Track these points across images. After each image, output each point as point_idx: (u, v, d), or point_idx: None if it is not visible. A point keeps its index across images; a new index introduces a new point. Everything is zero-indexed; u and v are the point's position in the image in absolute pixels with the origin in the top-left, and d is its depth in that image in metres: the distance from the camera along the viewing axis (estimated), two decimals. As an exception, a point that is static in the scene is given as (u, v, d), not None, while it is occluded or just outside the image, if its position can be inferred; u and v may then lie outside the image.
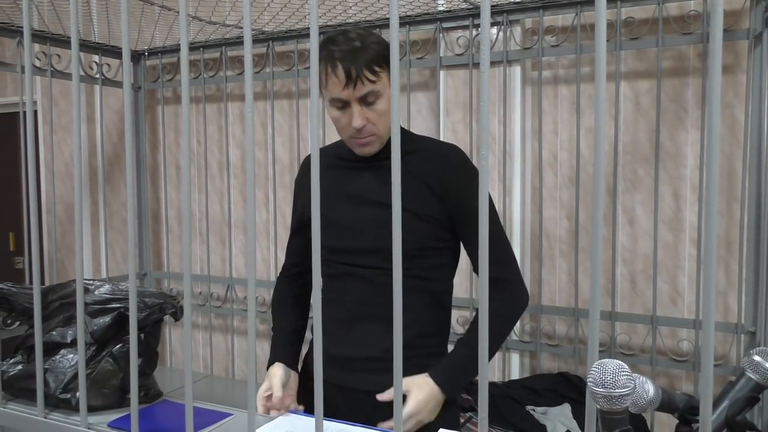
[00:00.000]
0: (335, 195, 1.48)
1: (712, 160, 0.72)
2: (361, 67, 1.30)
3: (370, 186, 1.44)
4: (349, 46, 1.32)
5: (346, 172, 1.48)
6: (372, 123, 1.36)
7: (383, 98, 1.36)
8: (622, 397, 0.69)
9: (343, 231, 1.44)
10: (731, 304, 2.28)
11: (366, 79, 1.31)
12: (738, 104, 2.23)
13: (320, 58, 1.35)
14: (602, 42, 0.75)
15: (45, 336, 1.46)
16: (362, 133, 1.36)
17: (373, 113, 1.35)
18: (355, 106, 1.34)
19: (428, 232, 1.41)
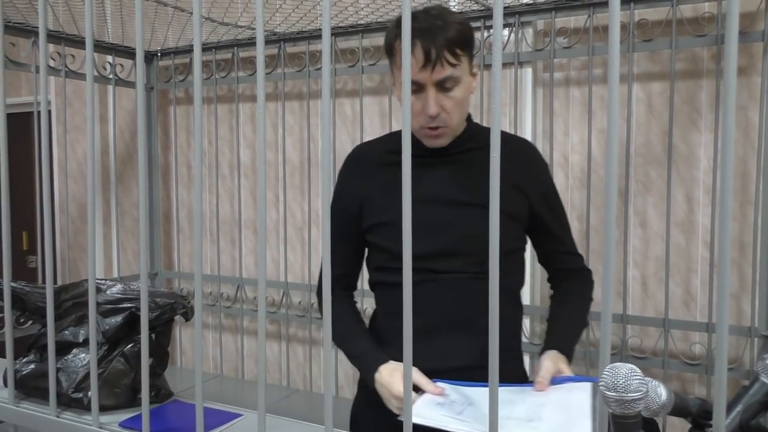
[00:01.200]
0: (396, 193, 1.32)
1: (727, 162, 0.72)
2: (442, 48, 1.19)
3: (445, 183, 1.32)
4: (429, 24, 1.20)
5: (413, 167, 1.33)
6: (446, 112, 1.24)
7: (462, 85, 1.24)
8: (635, 402, 0.68)
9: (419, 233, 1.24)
10: (744, 307, 2.26)
11: (446, 62, 1.19)
12: (752, 106, 2.22)
13: (396, 35, 1.24)
14: (615, 43, 0.75)
15: (57, 335, 1.47)
16: (435, 122, 1.25)
17: (450, 101, 1.24)
18: (430, 91, 1.22)
19: (516, 233, 1.35)
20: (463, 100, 1.27)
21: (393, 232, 1.31)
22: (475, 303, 1.29)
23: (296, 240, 3.12)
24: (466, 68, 1.25)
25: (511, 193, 1.30)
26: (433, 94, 1.22)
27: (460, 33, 1.21)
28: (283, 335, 3.20)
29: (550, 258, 1.46)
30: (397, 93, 1.31)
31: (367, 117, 2.90)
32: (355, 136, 2.92)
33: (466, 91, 1.27)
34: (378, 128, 2.88)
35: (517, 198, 1.33)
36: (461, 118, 1.30)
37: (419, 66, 1.19)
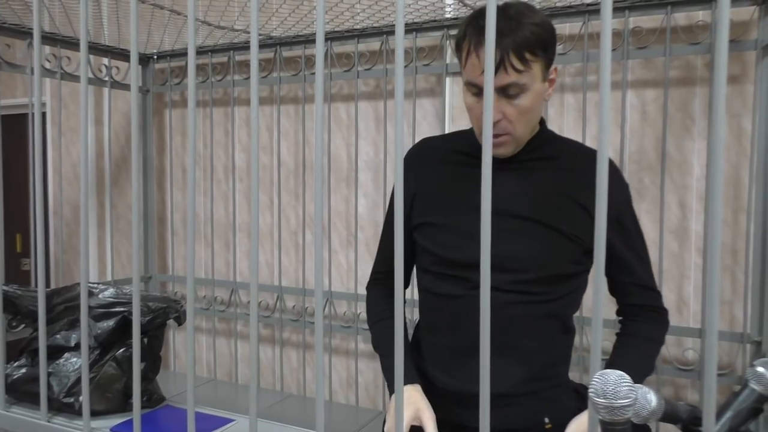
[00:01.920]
0: (455, 198, 1.24)
1: (716, 170, 0.72)
2: (509, 51, 1.08)
3: (505, 192, 1.19)
4: (502, 23, 1.07)
5: (469, 169, 1.22)
6: (508, 120, 1.14)
7: (529, 93, 1.13)
8: (624, 408, 0.68)
9: (467, 242, 1.17)
10: (737, 313, 2.26)
11: (511, 67, 1.09)
12: (745, 114, 2.23)
13: (465, 33, 1.15)
14: (607, 50, 0.75)
15: (49, 339, 1.47)
16: (495, 129, 1.12)
17: (513, 109, 1.13)
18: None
19: (575, 257, 1.21)
20: (531, 109, 1.16)
21: (439, 234, 1.25)
22: (519, 325, 1.21)
23: (290, 244, 3.12)
24: (538, 74, 1.13)
25: (574, 211, 1.20)
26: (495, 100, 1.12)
27: (535, 36, 1.10)
28: (276, 339, 3.19)
29: (620, 290, 1.32)
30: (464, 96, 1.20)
31: (362, 121, 2.90)
32: (350, 140, 2.93)
33: (535, 98, 1.15)
34: (373, 133, 2.89)
35: (581, 218, 1.20)
36: (528, 127, 1.19)
37: (481, 69, 1.10)
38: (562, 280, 1.22)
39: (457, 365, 1.21)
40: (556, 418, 1.25)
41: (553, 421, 1.26)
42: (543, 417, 1.26)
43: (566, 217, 1.19)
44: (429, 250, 1.28)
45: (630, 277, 1.30)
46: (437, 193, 1.28)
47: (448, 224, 1.23)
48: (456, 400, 1.23)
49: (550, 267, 1.19)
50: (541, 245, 1.19)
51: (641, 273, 1.31)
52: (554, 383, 1.29)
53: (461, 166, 1.26)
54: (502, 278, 1.16)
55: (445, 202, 1.25)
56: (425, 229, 1.29)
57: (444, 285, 1.25)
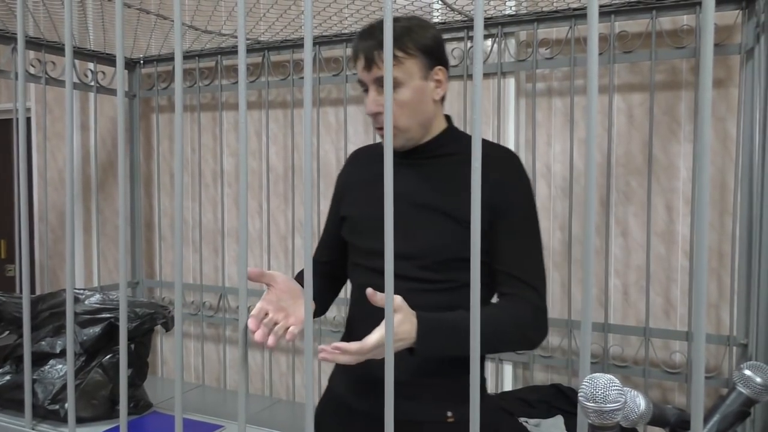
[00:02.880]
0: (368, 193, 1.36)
1: (703, 174, 0.73)
2: (377, 49, 1.24)
3: (409, 185, 1.31)
4: (377, 27, 1.27)
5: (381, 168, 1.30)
6: None
7: (405, 88, 1.26)
8: (613, 412, 0.68)
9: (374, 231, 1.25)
10: (723, 316, 2.28)
11: (382, 62, 1.23)
12: (730, 118, 2.25)
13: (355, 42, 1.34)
14: (594, 56, 0.76)
15: (34, 346, 1.45)
16: (378, 122, 1.29)
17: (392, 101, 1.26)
18: (371, 91, 1.28)
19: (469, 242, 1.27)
20: (410, 103, 1.27)
21: (354, 226, 1.39)
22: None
23: (279, 248, 3.10)
24: (414, 71, 1.26)
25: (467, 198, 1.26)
26: (373, 94, 1.27)
27: (404, 36, 1.24)
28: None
29: (496, 278, 1.31)
30: None
31: (351, 125, 2.90)
32: (339, 144, 2.92)
33: (415, 94, 1.27)
34: (362, 137, 2.88)
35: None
36: (412, 120, 1.29)
37: (362, 67, 1.28)
38: (457, 266, 1.25)
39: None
40: (459, 412, 1.28)
41: (456, 415, 1.28)
42: (445, 410, 1.29)
43: (463, 206, 1.21)
44: (347, 242, 1.42)
45: (506, 267, 1.28)
46: (355, 190, 1.42)
47: (359, 216, 1.37)
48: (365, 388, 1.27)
49: (445, 251, 1.26)
50: (436, 231, 1.27)
51: (520, 265, 1.29)
52: (456, 376, 1.25)
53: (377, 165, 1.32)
54: (404, 265, 1.23)
55: (360, 196, 1.39)
56: (344, 223, 1.43)
57: (357, 275, 1.38)
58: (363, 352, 1.08)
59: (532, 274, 1.29)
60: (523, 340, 1.30)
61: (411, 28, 1.27)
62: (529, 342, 1.30)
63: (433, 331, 1.16)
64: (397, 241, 1.24)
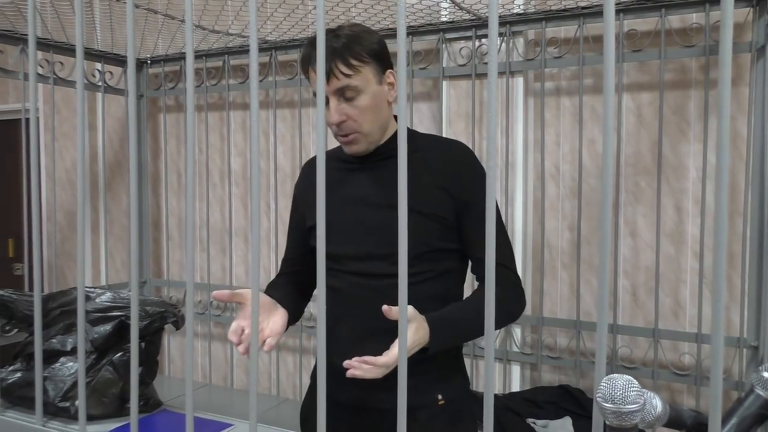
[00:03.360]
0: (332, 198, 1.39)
1: (722, 179, 0.72)
2: (335, 60, 1.27)
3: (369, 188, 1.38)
4: (330, 42, 1.28)
5: (343, 174, 1.42)
6: (353, 119, 1.31)
7: (365, 94, 1.30)
8: (632, 413, 0.68)
9: (343, 236, 1.36)
10: (734, 318, 2.27)
11: (340, 73, 1.27)
12: (740, 117, 2.24)
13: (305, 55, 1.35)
14: (610, 54, 0.75)
15: (45, 344, 1.45)
16: (342, 130, 1.32)
17: (354, 109, 1.30)
18: (332, 101, 1.30)
19: (438, 234, 1.34)
20: (371, 108, 1.32)
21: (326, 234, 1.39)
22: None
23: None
24: (371, 77, 1.30)
25: (434, 193, 1.33)
26: (334, 104, 1.30)
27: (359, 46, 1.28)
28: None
29: (475, 266, 1.42)
30: None
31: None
32: (346, 144, 2.92)
33: (374, 99, 1.32)
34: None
35: (441, 198, 1.34)
36: (374, 124, 1.34)
37: None
38: (431, 258, 1.33)
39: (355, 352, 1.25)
40: (448, 395, 1.37)
41: (445, 397, 1.37)
42: (436, 394, 1.37)
43: (425, 200, 1.31)
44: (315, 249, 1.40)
45: (475, 252, 1.38)
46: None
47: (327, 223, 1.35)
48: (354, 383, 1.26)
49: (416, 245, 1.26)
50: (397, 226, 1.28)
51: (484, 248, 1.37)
52: (445, 363, 1.39)
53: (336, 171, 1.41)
54: (381, 264, 1.32)
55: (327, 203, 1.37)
56: (312, 232, 1.45)
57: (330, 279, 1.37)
58: (390, 363, 1.17)
59: (504, 256, 1.37)
60: (508, 318, 1.40)
61: (358, 35, 1.30)
62: (512, 317, 1.41)
63: (442, 330, 1.27)
64: (368, 243, 1.35)
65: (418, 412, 1.31)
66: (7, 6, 2.35)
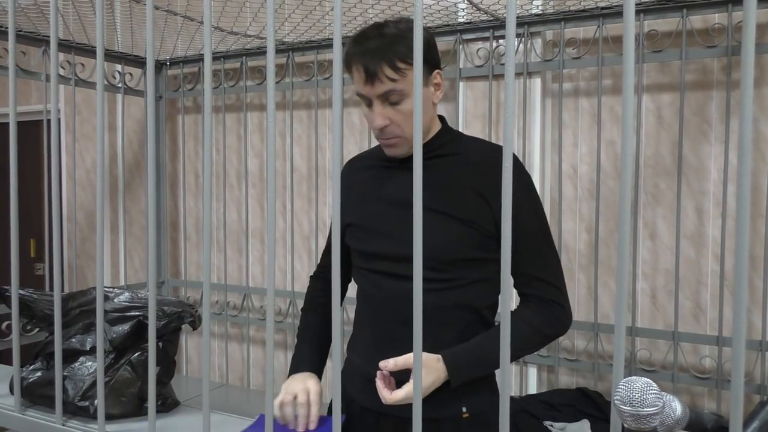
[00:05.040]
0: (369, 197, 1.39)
1: (744, 175, 0.71)
2: (381, 63, 1.22)
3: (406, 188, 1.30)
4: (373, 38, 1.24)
5: (381, 172, 1.38)
6: (396, 124, 1.26)
7: (411, 98, 1.24)
8: (651, 416, 0.67)
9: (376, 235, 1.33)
10: (755, 320, 2.23)
11: (385, 77, 1.22)
12: (763, 118, 2.20)
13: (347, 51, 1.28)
14: (630, 54, 0.74)
15: (64, 343, 1.47)
16: (384, 134, 1.28)
17: (398, 114, 1.26)
18: (376, 105, 1.26)
19: (473, 242, 1.29)
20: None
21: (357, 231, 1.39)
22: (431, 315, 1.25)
23: (303, 249, 3.11)
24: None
25: (473, 200, 1.28)
26: (379, 108, 1.25)
27: (401, 45, 1.22)
28: (289, 345, 3.19)
29: (516, 279, 1.35)
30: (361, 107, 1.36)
31: (375, 127, 2.90)
32: (362, 145, 2.92)
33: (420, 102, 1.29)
34: (386, 138, 2.88)
35: (480, 206, 1.29)
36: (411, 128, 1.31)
37: (362, 81, 1.24)
38: (463, 265, 1.29)
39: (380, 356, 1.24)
40: (474, 408, 1.32)
41: (470, 410, 1.32)
42: (461, 407, 1.32)
43: (463, 205, 1.28)
44: (352, 247, 1.41)
45: (523, 267, 1.32)
46: (357, 196, 1.42)
47: (362, 222, 1.38)
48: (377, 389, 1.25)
49: (446, 251, 1.27)
50: (436, 231, 1.27)
51: (535, 264, 1.33)
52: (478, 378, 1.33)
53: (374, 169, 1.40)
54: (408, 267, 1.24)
55: (362, 203, 1.40)
56: (349, 230, 1.41)
57: (362, 279, 1.39)
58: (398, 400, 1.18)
59: (550, 271, 1.33)
60: (542, 340, 1.33)
61: (404, 34, 1.24)
62: (548, 339, 1.34)
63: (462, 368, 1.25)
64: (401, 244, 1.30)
65: (442, 423, 1.30)
66: (30, 7, 2.38)
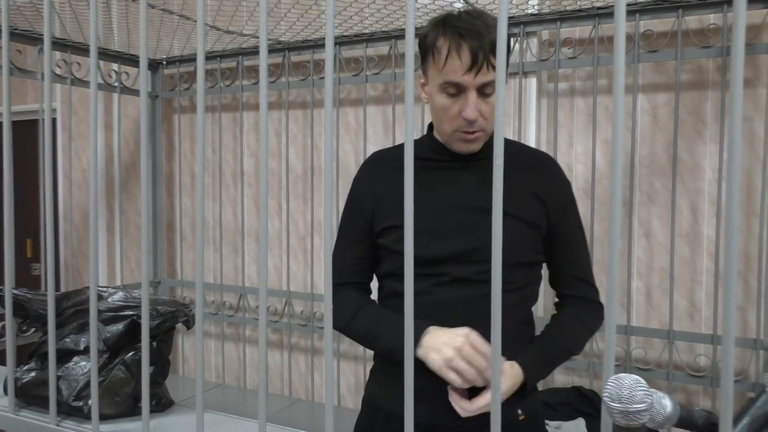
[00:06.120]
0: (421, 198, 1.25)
1: (733, 174, 0.71)
2: (488, 50, 1.14)
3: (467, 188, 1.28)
4: (476, 25, 1.16)
5: (432, 172, 1.30)
6: (484, 117, 1.20)
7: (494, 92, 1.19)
8: (639, 413, 0.67)
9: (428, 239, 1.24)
10: (750, 319, 2.24)
11: (490, 66, 1.15)
12: (757, 118, 2.21)
13: (439, 34, 1.20)
14: (621, 54, 0.75)
15: (58, 343, 1.47)
16: (473, 127, 1.20)
17: (488, 106, 1.20)
18: (471, 95, 1.18)
19: (537, 244, 1.29)
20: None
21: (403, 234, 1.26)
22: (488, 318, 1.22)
23: (299, 249, 3.11)
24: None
25: (531, 201, 1.27)
26: (474, 99, 1.18)
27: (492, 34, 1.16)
28: (285, 344, 3.19)
29: (560, 280, 1.36)
30: (426, 93, 1.27)
31: (371, 126, 2.90)
32: (358, 145, 2.92)
33: None
34: (381, 137, 2.88)
35: (537, 207, 1.28)
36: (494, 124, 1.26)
37: (464, 69, 1.15)
38: (524, 268, 1.28)
39: None
40: (528, 410, 1.30)
41: (526, 412, 1.29)
42: (516, 409, 1.28)
43: (525, 207, 1.26)
44: (395, 250, 1.29)
45: (570, 269, 1.35)
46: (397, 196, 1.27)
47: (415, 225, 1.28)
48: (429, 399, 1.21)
49: (514, 254, 1.22)
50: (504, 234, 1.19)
51: (581, 266, 1.36)
52: None
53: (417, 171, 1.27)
54: (470, 269, 1.24)
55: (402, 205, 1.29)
56: (389, 232, 1.31)
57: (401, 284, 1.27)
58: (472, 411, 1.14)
59: (590, 273, 1.37)
60: (588, 336, 1.35)
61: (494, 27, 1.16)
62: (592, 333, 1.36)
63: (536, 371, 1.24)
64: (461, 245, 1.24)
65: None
66: (26, 6, 2.38)
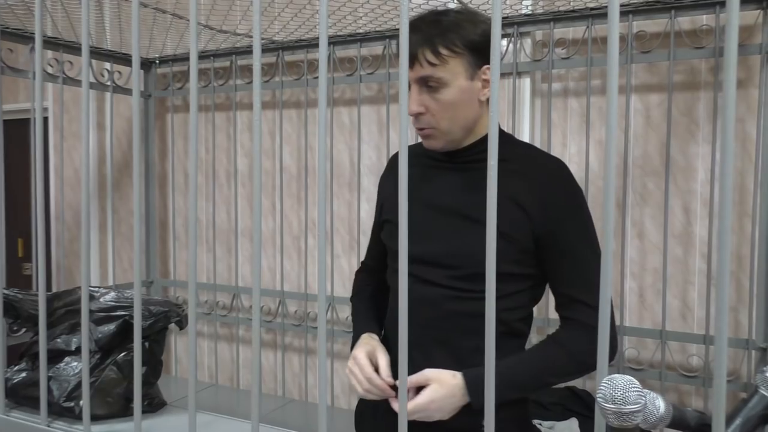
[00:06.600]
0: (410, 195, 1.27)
1: (726, 177, 0.71)
2: (423, 47, 1.16)
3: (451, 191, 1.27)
4: (425, 20, 1.19)
5: (422, 171, 1.31)
6: (431, 114, 1.20)
7: (450, 88, 1.19)
8: (633, 414, 0.67)
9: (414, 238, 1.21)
10: (742, 319, 2.25)
11: (425, 61, 1.17)
12: (750, 119, 2.22)
13: None
14: (615, 54, 0.75)
15: (50, 343, 1.46)
16: (419, 122, 1.22)
17: (434, 102, 1.20)
18: (413, 89, 1.19)
19: (510, 257, 1.20)
20: (454, 104, 1.20)
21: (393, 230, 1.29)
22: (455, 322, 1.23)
23: (293, 249, 3.11)
24: (460, 71, 1.18)
25: (513, 212, 1.21)
26: (416, 93, 1.19)
27: (452, 32, 1.17)
28: (278, 344, 3.18)
29: (556, 299, 1.29)
30: None
31: (365, 126, 2.90)
32: (352, 145, 2.92)
33: (460, 95, 1.20)
34: (375, 137, 2.88)
35: (516, 217, 1.21)
36: (455, 123, 1.22)
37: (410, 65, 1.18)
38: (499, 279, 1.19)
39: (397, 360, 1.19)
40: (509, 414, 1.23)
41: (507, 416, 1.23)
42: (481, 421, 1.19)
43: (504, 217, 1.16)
44: (387, 245, 1.38)
45: (563, 287, 1.26)
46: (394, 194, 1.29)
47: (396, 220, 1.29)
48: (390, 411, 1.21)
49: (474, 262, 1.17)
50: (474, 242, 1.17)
51: (573, 284, 1.25)
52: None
53: (421, 168, 1.31)
54: (437, 273, 1.23)
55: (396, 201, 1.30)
56: (386, 227, 1.38)
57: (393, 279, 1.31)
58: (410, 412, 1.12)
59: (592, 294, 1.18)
60: (587, 369, 1.23)
61: (459, 23, 1.18)
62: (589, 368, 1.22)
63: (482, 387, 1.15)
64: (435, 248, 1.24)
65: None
66: (17, 4, 2.36)
